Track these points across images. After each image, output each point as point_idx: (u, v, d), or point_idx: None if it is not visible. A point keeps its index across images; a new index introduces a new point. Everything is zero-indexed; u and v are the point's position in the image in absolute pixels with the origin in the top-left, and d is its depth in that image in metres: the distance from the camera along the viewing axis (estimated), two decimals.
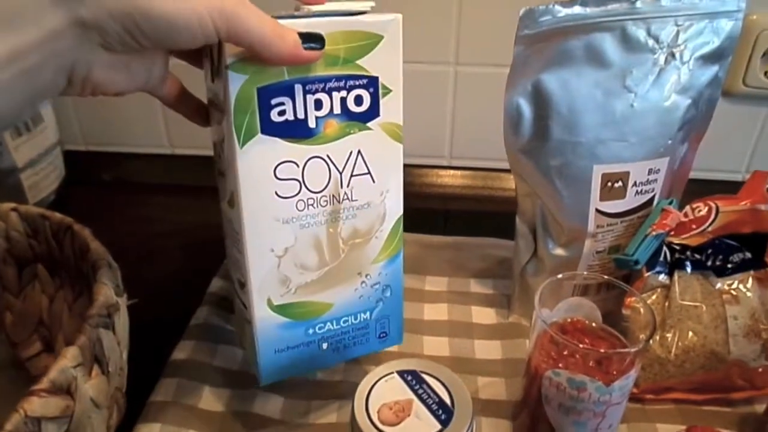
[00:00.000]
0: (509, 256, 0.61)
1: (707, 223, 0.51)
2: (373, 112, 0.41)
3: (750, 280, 0.51)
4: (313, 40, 0.37)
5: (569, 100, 0.48)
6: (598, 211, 0.51)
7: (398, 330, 0.51)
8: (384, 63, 0.40)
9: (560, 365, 0.41)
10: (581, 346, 0.42)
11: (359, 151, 0.42)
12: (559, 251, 0.54)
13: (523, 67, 0.48)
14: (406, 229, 0.47)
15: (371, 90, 0.41)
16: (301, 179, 0.41)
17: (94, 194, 0.80)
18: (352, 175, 0.43)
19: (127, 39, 0.32)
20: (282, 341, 0.46)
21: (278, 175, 0.40)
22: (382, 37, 0.40)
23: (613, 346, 0.44)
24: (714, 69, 0.50)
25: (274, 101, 0.38)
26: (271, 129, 0.39)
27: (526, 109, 0.49)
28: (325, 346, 0.48)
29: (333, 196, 0.43)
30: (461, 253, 0.68)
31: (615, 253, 0.53)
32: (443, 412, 0.37)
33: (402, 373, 0.40)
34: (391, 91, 0.41)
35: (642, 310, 0.45)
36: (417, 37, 0.40)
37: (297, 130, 0.40)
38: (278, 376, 0.48)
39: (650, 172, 0.51)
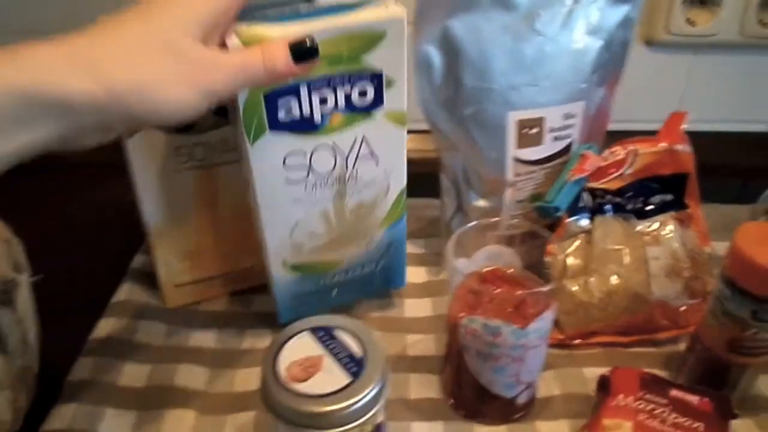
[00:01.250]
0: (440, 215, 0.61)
1: (626, 166, 0.51)
2: (377, 102, 0.43)
3: (670, 220, 0.52)
4: (304, 56, 0.35)
5: (479, 46, 0.47)
6: (515, 158, 0.50)
7: (401, 275, 0.54)
8: (388, 57, 0.41)
9: (478, 313, 0.41)
10: (494, 290, 0.41)
11: (363, 137, 0.44)
12: (481, 203, 0.53)
13: (430, 13, 0.46)
14: None
15: (375, 83, 0.42)
16: (308, 165, 0.43)
17: (5, 175, 0.76)
18: (357, 158, 0.45)
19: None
20: (297, 290, 0.50)
21: (287, 164, 0.43)
22: (385, 34, 0.40)
23: None
24: (624, 9, 0.49)
25: (280, 102, 0.40)
26: (278, 126, 0.41)
27: (436, 56, 0.48)
28: (335, 292, 0.52)
29: (339, 177, 0.45)
30: None
31: (536, 200, 0.53)
32: (354, 365, 0.36)
33: (314, 330, 0.39)
34: (395, 81, 0.42)
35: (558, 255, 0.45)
36: None
37: (303, 125, 0.41)
38: (295, 315, 0.48)
39: (566, 117, 0.50)
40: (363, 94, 0.42)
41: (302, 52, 0.34)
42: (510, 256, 0.46)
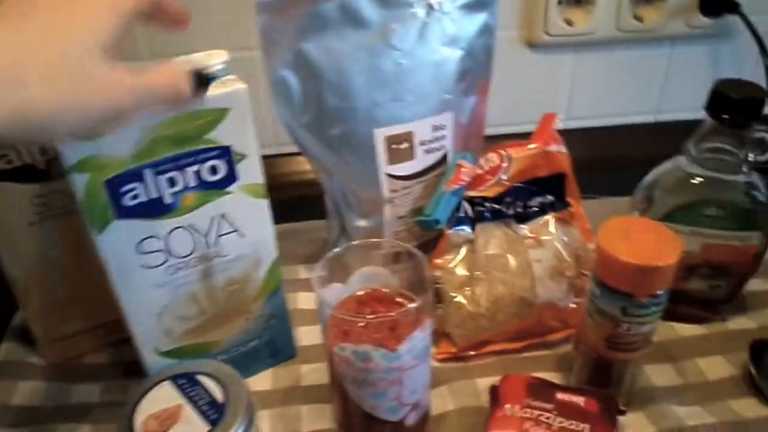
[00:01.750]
0: None
1: (501, 172, 0.51)
2: (230, 178, 0.41)
3: (551, 221, 0.52)
4: (203, 84, 0.36)
5: (336, 66, 0.46)
6: (388, 175, 0.50)
7: (289, 346, 0.52)
8: (234, 132, 0.40)
9: (351, 339, 0.40)
10: (350, 317, 0.40)
11: (222, 214, 0.42)
12: (362, 222, 0.53)
13: (277, 37, 0.45)
14: None
15: (225, 158, 0.40)
16: (165, 249, 0.41)
17: None
18: (218, 236, 0.43)
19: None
20: None
21: (141, 250, 0.40)
22: (229, 110, 0.39)
23: None
24: (481, 17, 0.49)
25: (124, 189, 0.38)
26: (125, 212, 0.39)
27: (293, 80, 0.47)
28: None
29: (202, 256, 0.43)
30: (290, 241, 0.65)
31: (416, 215, 0.52)
32: (215, 412, 0.35)
33: (176, 378, 0.37)
34: (246, 155, 0.41)
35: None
36: None
37: (153, 209, 0.40)
38: None
39: (435, 128, 0.50)
40: (214, 171, 0.40)
41: (202, 80, 0.36)
42: (387, 276, 0.45)
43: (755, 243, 0.49)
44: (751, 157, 0.48)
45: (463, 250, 0.51)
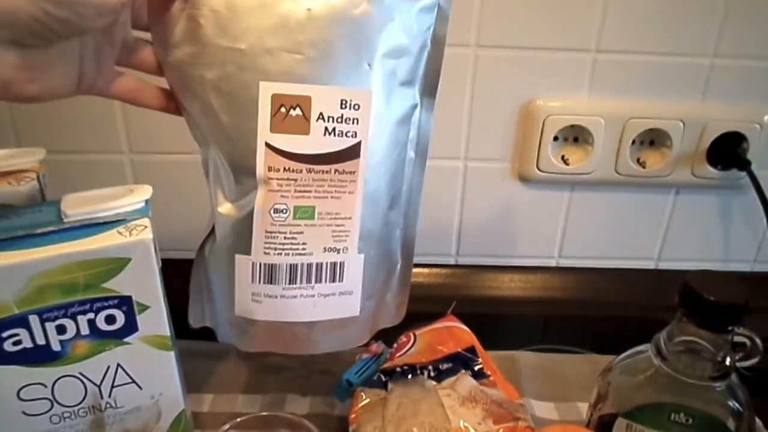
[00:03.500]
0: None
1: (409, 345, 0.53)
2: (129, 328, 0.39)
3: (467, 375, 0.50)
4: None
5: None
6: (269, 146, 0.39)
7: None
8: (136, 282, 0.38)
9: None
10: None
11: (118, 364, 0.40)
12: (228, 208, 0.41)
13: None
14: None
15: (124, 308, 0.38)
16: (51, 398, 0.38)
17: None
18: (113, 386, 0.40)
19: (37, 27, 0.31)
20: None
21: (23, 397, 0.38)
22: (129, 259, 0.37)
23: None
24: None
25: (5, 334, 0.36)
26: (6, 359, 0.36)
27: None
28: None
29: (93, 407, 0.40)
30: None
31: (305, 216, 0.41)
32: None
33: None
34: (149, 306, 0.39)
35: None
36: None
37: (39, 356, 0.37)
38: None
39: (344, 105, 0.40)
40: (111, 320, 0.38)
41: None
42: None
43: None
44: (729, 361, 0.42)
45: (376, 407, 0.48)
